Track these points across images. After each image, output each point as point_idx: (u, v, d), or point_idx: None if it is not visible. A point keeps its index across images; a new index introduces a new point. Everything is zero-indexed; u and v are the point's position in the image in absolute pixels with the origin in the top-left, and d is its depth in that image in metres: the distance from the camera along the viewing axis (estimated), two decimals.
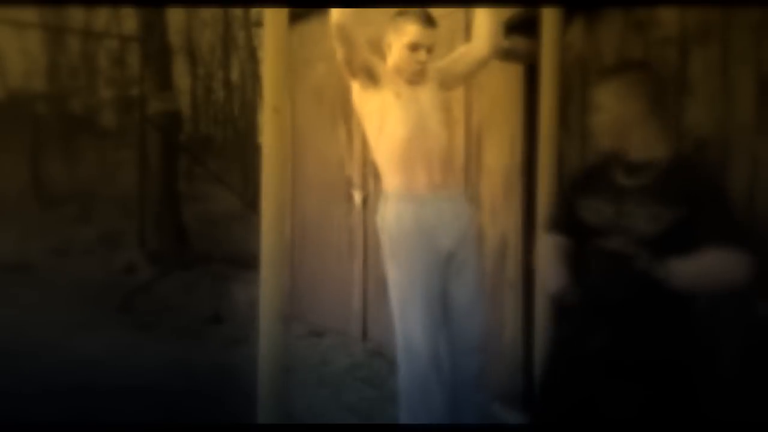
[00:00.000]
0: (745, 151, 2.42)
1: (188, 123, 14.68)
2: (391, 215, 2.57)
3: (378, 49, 2.61)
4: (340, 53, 2.43)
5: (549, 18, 2.82)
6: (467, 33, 3.32)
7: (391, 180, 2.59)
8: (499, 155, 3.50)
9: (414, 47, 2.50)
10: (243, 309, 5.52)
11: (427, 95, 2.59)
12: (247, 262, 6.41)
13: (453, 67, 2.69)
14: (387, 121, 2.54)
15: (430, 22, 2.52)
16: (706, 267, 1.79)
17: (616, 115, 1.95)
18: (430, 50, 2.53)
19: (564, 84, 2.93)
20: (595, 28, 2.95)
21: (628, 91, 1.94)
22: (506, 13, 3.07)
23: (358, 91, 2.60)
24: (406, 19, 2.52)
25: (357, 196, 4.56)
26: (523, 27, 3.00)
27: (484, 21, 2.63)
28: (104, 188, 11.90)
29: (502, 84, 3.43)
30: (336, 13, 2.32)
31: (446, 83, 2.69)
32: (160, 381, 3.88)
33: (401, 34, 2.52)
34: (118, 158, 12.63)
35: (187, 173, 12.34)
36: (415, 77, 2.56)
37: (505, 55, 3.03)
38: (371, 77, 2.53)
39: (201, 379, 3.94)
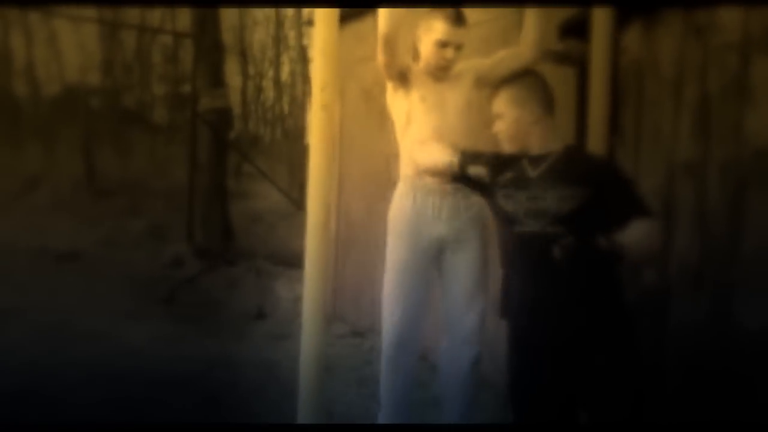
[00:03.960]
0: None
1: (238, 121, 14.86)
2: (396, 200, 2.70)
3: (415, 51, 2.67)
4: (381, 59, 2.56)
5: (600, 19, 2.77)
6: (504, 40, 3.27)
7: (404, 169, 2.69)
8: None
9: (442, 44, 2.55)
10: (286, 306, 5.55)
11: (455, 95, 2.65)
12: (291, 259, 6.45)
13: (495, 69, 2.61)
14: (412, 122, 2.65)
15: (459, 20, 2.54)
16: (638, 237, 1.98)
17: (514, 120, 2.19)
18: (458, 48, 2.57)
19: (619, 89, 2.88)
20: (653, 32, 2.87)
21: (521, 97, 2.19)
22: (560, 15, 3.02)
23: (390, 92, 2.72)
24: (435, 17, 2.54)
25: None
26: (579, 29, 2.95)
27: (532, 25, 2.58)
28: (154, 182, 12.12)
29: (555, 88, 3.37)
30: (383, 25, 2.46)
31: (485, 82, 2.63)
32: (202, 373, 3.92)
33: (430, 31, 2.55)
34: (169, 153, 12.86)
35: (236, 170, 12.49)
36: (442, 73, 2.62)
37: (560, 58, 2.98)
38: (403, 80, 2.63)
39: (242, 373, 3.97)
